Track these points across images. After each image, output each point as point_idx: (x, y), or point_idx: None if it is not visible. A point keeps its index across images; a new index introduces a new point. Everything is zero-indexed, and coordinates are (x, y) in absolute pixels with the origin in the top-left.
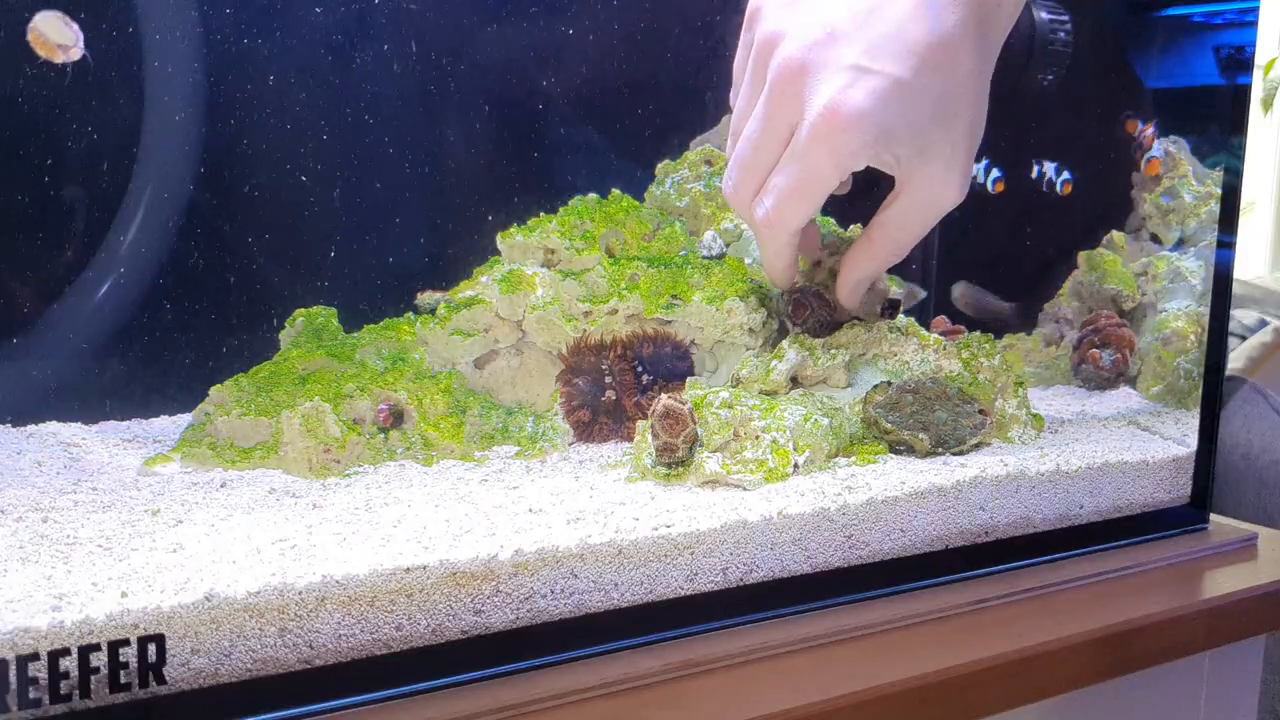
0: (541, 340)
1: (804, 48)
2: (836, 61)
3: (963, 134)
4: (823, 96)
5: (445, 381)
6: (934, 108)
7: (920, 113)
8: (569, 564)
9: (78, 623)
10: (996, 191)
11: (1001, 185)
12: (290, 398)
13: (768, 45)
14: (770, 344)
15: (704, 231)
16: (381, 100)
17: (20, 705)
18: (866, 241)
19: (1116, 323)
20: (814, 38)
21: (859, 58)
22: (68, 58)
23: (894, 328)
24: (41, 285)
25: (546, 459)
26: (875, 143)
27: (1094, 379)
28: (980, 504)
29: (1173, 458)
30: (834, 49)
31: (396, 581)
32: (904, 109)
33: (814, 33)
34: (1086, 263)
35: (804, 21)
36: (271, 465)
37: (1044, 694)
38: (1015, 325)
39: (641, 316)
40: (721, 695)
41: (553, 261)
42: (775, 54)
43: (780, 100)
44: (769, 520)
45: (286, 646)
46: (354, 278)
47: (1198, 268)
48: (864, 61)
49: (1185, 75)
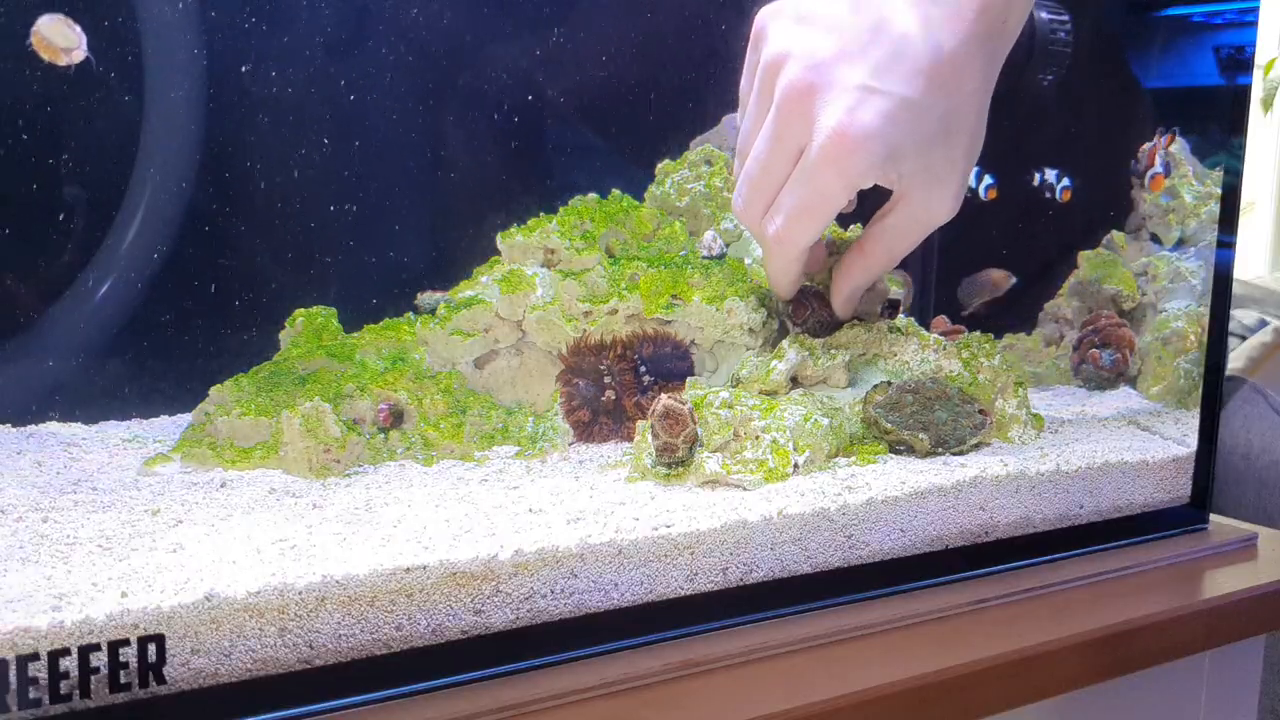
0: (541, 340)
1: (811, 68)
2: (844, 82)
3: (963, 152)
4: (831, 118)
5: (445, 381)
6: (938, 126)
7: (926, 131)
8: (569, 564)
9: (78, 623)
10: (989, 198)
11: (994, 192)
12: (290, 398)
13: (774, 65)
14: (770, 344)
15: (704, 231)
16: (382, 100)
17: (20, 705)
18: (860, 252)
19: (1116, 323)
20: (821, 58)
21: (866, 78)
22: (71, 60)
23: (894, 328)
24: (41, 285)
25: (546, 459)
26: (884, 163)
27: (1094, 379)
28: (980, 504)
29: (1173, 458)
30: (841, 69)
31: (396, 581)
32: (911, 128)
33: (821, 52)
34: (1086, 263)
35: (810, 41)
36: (271, 465)
37: (1044, 694)
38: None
39: (641, 316)
40: (721, 695)
41: (553, 261)
42: (782, 74)
43: (788, 120)
44: (769, 520)
45: (286, 646)
46: (354, 278)
47: (1198, 268)
48: (871, 82)
49: (1185, 75)
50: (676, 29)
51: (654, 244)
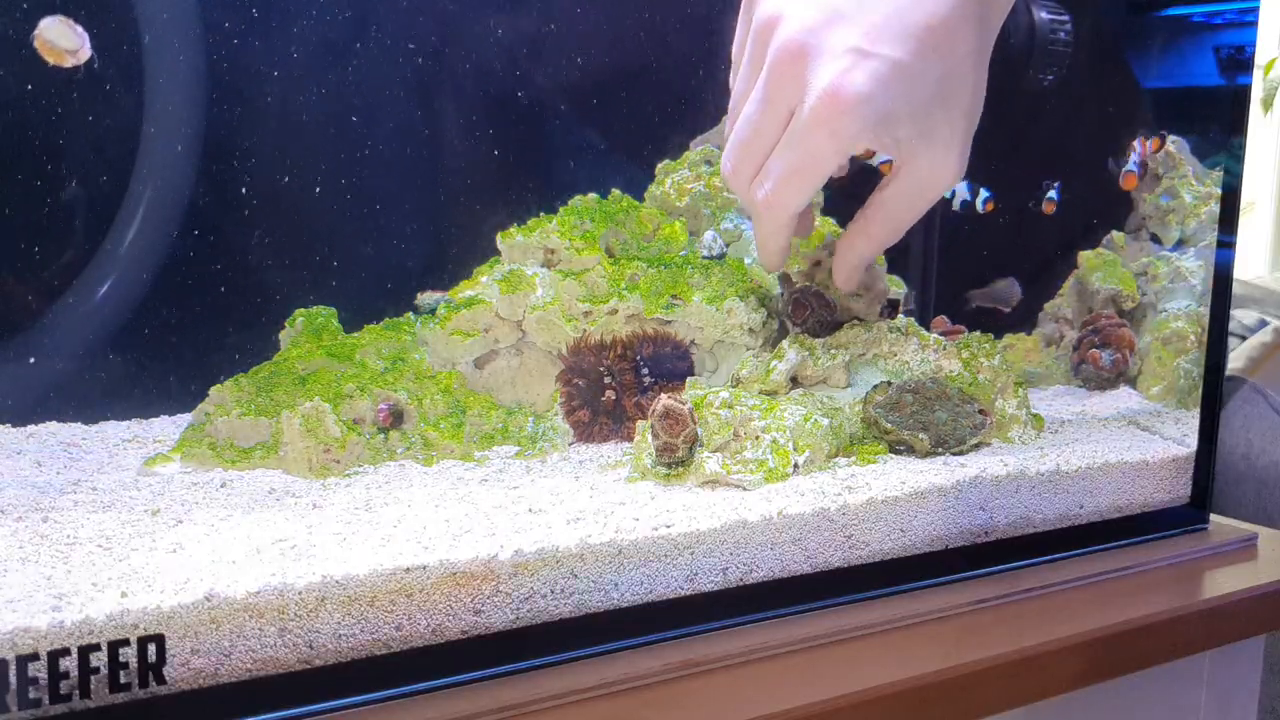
0: (541, 340)
1: (804, 30)
2: (836, 44)
3: (962, 114)
4: (823, 79)
5: (445, 381)
6: (934, 89)
7: (921, 95)
8: (569, 564)
9: (78, 623)
10: (987, 211)
11: (992, 205)
12: (290, 398)
13: (767, 27)
14: (770, 344)
15: (704, 231)
16: (382, 100)
17: (20, 705)
18: (864, 221)
19: (1116, 323)
20: (814, 20)
21: (859, 40)
22: (76, 60)
23: (894, 328)
24: (42, 285)
25: (546, 459)
26: (876, 126)
27: (1094, 379)
28: (980, 504)
29: (1173, 458)
30: (834, 31)
31: (396, 581)
32: (904, 92)
33: (814, 15)
34: (1086, 263)
35: (803, 3)
36: (271, 465)
37: (1044, 694)
38: (1021, 306)
39: (641, 316)
40: (721, 695)
41: (553, 261)
42: (775, 36)
43: (780, 83)
44: (769, 520)
45: (286, 646)
46: (354, 278)
47: (1198, 268)
48: (864, 44)
49: (1185, 75)
50: (678, 27)
51: (654, 244)
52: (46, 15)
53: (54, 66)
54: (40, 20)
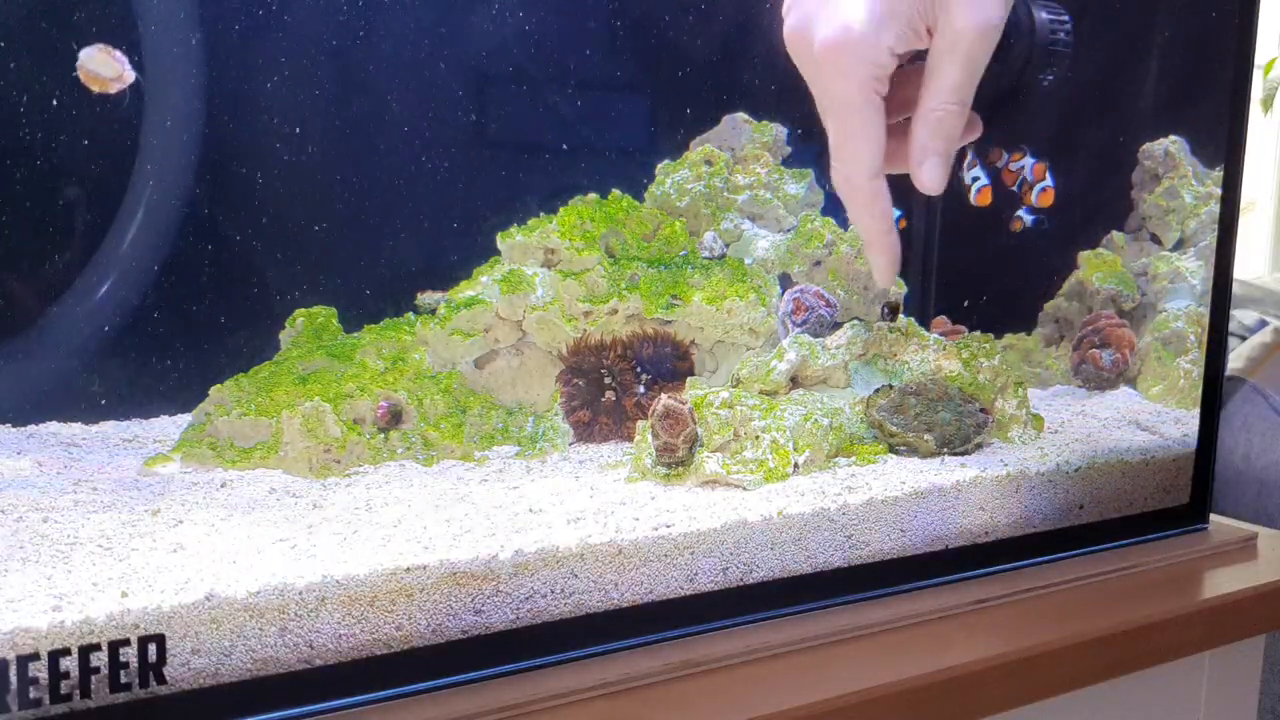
0: (541, 340)
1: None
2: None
3: None
4: (815, 41)
5: (445, 381)
6: None
7: None
8: (569, 564)
9: (78, 623)
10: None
11: (987, 193)
12: (290, 398)
13: None
14: (770, 344)
15: (704, 231)
16: (382, 100)
17: (20, 705)
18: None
19: (1116, 323)
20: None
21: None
22: (121, 85)
23: (894, 328)
24: (42, 285)
25: (546, 459)
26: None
27: (1094, 379)
28: (980, 504)
29: (1173, 458)
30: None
31: (396, 581)
32: None
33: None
34: (1086, 263)
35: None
36: (271, 465)
37: (1044, 694)
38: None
39: (641, 316)
40: (721, 695)
41: (553, 261)
42: None
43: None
44: (769, 520)
45: (286, 646)
46: (354, 278)
47: (1198, 268)
48: None
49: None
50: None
51: (654, 244)
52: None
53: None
54: (80, 51)
